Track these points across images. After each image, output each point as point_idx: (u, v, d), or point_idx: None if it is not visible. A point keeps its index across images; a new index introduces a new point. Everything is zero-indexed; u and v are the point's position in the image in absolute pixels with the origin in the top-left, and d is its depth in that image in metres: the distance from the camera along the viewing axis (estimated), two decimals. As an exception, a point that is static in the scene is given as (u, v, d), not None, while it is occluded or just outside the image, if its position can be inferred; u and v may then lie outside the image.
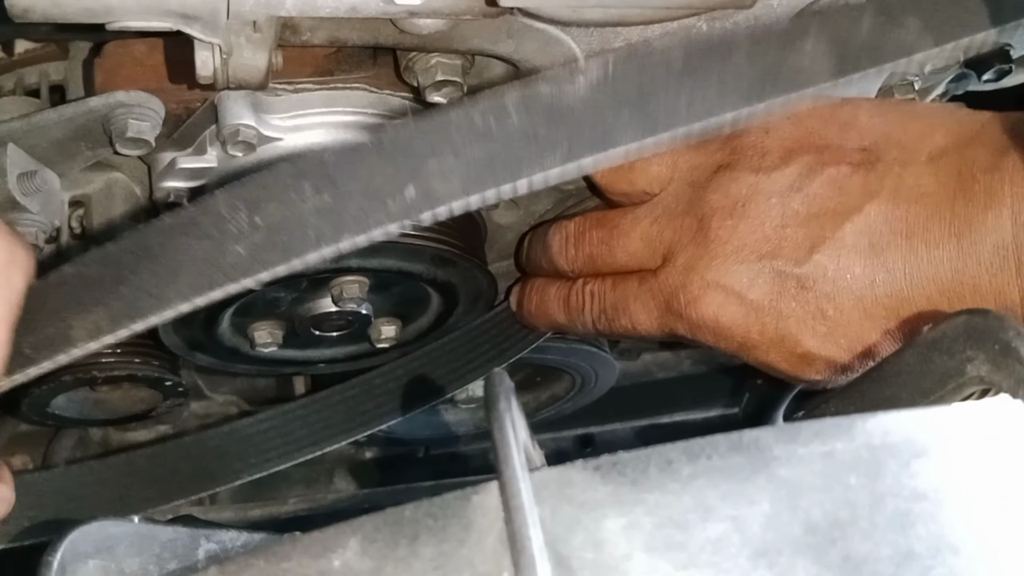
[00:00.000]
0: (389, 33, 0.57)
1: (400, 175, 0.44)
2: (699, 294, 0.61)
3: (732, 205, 0.60)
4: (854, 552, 0.31)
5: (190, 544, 0.42)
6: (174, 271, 0.44)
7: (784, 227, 0.60)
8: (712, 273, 0.60)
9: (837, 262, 0.59)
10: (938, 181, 0.57)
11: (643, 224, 0.64)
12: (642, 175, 0.64)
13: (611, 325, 0.67)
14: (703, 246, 0.61)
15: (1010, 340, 0.39)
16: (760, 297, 0.60)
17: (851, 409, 0.48)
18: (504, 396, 0.34)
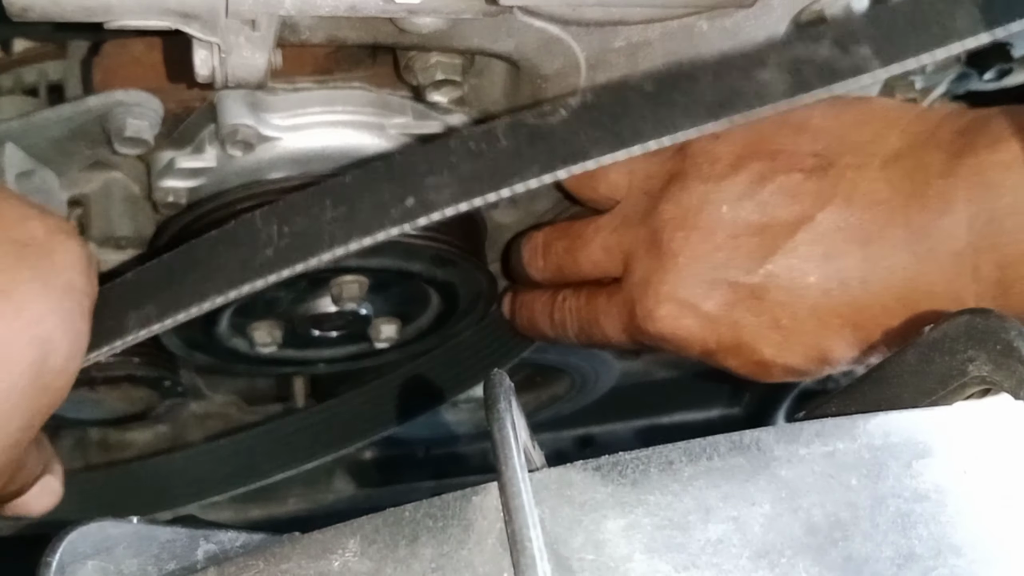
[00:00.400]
0: (388, 32, 0.57)
1: (403, 189, 0.53)
2: (654, 308, 0.61)
3: (683, 215, 0.60)
4: (855, 553, 0.31)
5: (189, 545, 0.42)
6: (213, 272, 0.53)
7: (736, 236, 0.59)
8: (666, 286, 0.60)
9: (790, 272, 0.58)
10: (892, 187, 0.56)
11: (603, 233, 0.64)
12: (602, 181, 0.64)
13: (590, 339, 0.68)
14: (656, 258, 0.61)
15: (1012, 340, 0.39)
16: (714, 308, 0.60)
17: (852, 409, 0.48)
18: (504, 396, 0.34)
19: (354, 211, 0.53)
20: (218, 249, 0.54)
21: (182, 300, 0.53)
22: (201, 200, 0.65)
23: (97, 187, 0.68)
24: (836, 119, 0.60)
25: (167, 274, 0.54)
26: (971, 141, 0.55)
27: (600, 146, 0.53)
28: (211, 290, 0.52)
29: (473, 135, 0.54)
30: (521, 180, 0.52)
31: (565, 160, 0.53)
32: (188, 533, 0.42)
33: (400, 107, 0.65)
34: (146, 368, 0.76)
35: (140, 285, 0.54)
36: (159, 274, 0.54)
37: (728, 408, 1.06)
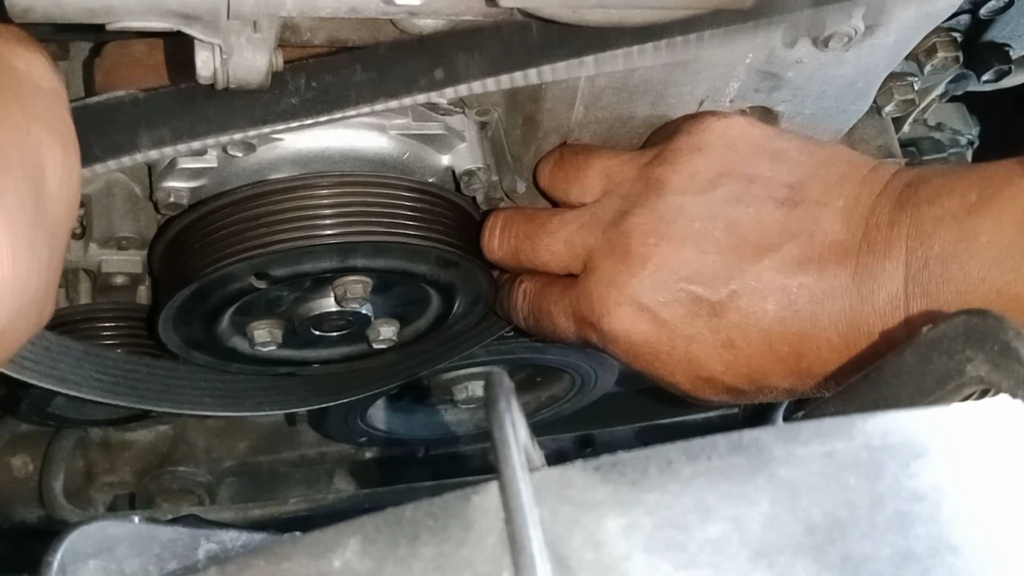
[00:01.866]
0: (389, 33, 0.57)
1: (433, 62, 0.54)
2: (613, 308, 0.62)
3: (657, 223, 0.61)
4: (854, 552, 0.31)
5: (190, 544, 0.42)
6: (234, 109, 0.53)
7: (704, 253, 0.60)
8: (629, 289, 0.61)
9: (751, 295, 0.60)
10: (848, 230, 0.60)
11: (569, 228, 0.65)
12: (577, 184, 0.65)
13: (537, 326, 0.69)
14: (623, 261, 0.61)
15: (1009, 340, 0.39)
16: (673, 318, 0.61)
17: (851, 409, 0.48)
18: (504, 396, 0.34)
19: (384, 76, 0.54)
20: (237, 94, 0.53)
21: (198, 129, 0.53)
22: (203, 200, 0.66)
23: (99, 187, 0.68)
24: (810, 156, 0.63)
25: (187, 101, 0.53)
26: (914, 194, 0.59)
27: (626, 38, 0.54)
28: (229, 125, 0.52)
29: (508, 26, 0.55)
30: (550, 63, 0.53)
31: (595, 48, 0.54)
32: (189, 533, 0.43)
33: (400, 108, 0.65)
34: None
35: (157, 106, 0.54)
36: (178, 100, 0.54)
37: (728, 408, 1.06)
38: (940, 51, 0.72)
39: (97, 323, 0.74)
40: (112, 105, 0.54)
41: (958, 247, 0.56)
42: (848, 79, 0.65)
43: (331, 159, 0.64)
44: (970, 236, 0.55)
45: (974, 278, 0.55)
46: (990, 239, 0.55)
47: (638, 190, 0.63)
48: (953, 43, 0.72)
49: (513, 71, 0.54)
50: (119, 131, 0.52)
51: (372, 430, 0.96)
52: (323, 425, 0.96)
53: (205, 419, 1.00)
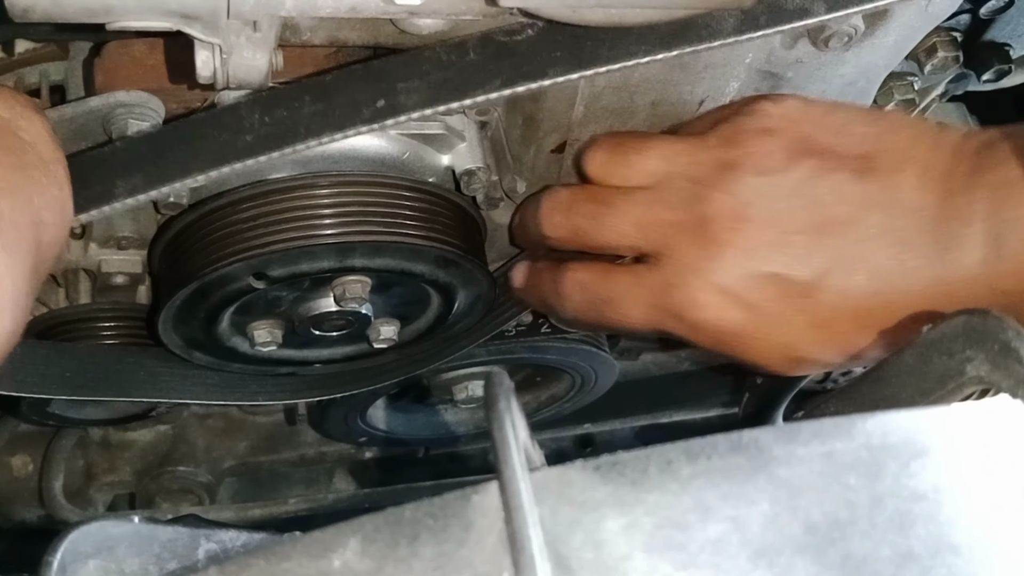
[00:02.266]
0: (389, 33, 0.57)
1: (376, 92, 0.55)
2: (699, 296, 0.60)
3: (737, 207, 0.60)
4: (854, 552, 0.31)
5: (190, 544, 0.42)
6: (199, 151, 0.55)
7: (788, 233, 0.60)
8: (714, 276, 0.60)
9: (838, 272, 0.59)
10: (924, 196, 0.58)
11: (639, 209, 0.63)
12: (636, 170, 0.64)
13: (600, 318, 0.66)
14: (704, 247, 0.60)
15: (1009, 340, 0.39)
16: (761, 302, 0.60)
17: (851, 409, 0.48)
18: (504, 396, 0.34)
19: (330, 107, 0.56)
20: (204, 129, 0.56)
21: (167, 173, 0.55)
22: (203, 200, 0.65)
23: (98, 187, 0.68)
24: (874, 125, 0.61)
25: (154, 148, 0.57)
26: (991, 154, 0.58)
27: (557, 67, 0.56)
28: (194, 167, 0.55)
29: (445, 47, 0.56)
30: (484, 93, 0.55)
31: (525, 78, 0.55)
32: (189, 532, 0.43)
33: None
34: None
35: (129, 155, 0.57)
36: (147, 147, 0.57)
37: (728, 408, 1.06)
38: (940, 51, 0.72)
39: (97, 323, 0.74)
40: (93, 156, 0.58)
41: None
42: (848, 79, 0.65)
43: (330, 159, 0.64)
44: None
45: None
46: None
47: (710, 174, 0.61)
48: (953, 43, 0.72)
49: (450, 101, 0.55)
50: (99, 181, 0.55)
51: (372, 430, 0.96)
52: (323, 425, 0.96)
53: (205, 419, 1.00)
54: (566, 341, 0.84)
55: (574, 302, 0.67)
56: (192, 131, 0.56)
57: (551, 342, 0.84)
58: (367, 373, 0.81)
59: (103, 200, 0.55)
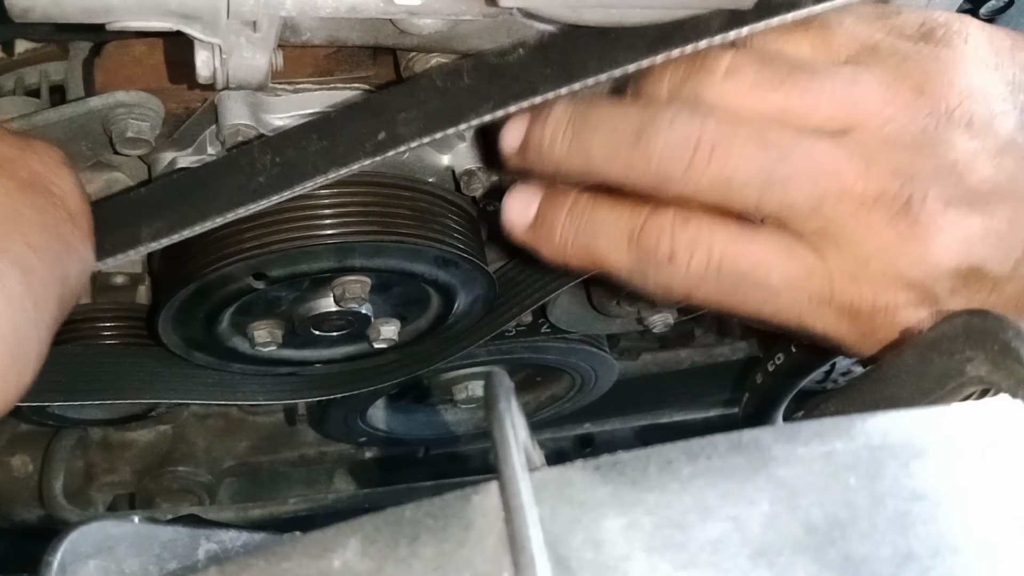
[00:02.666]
0: (389, 33, 0.57)
1: (377, 125, 0.56)
2: (895, 295, 0.49)
3: (947, 182, 0.48)
4: (854, 552, 0.31)
5: (190, 544, 0.42)
6: (216, 194, 0.57)
7: (992, 215, 0.48)
8: (913, 269, 0.48)
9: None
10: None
11: (818, 170, 0.48)
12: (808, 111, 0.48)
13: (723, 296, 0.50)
14: (909, 231, 0.48)
15: (1009, 340, 0.39)
16: (950, 299, 0.49)
17: (851, 409, 0.48)
18: (504, 396, 0.34)
19: (335, 144, 0.56)
20: (220, 174, 0.58)
21: (188, 217, 0.57)
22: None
23: (99, 187, 0.68)
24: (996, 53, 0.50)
25: (175, 193, 0.59)
26: None
27: (548, 83, 0.53)
28: (212, 211, 0.57)
29: (440, 73, 0.57)
30: (478, 117, 0.54)
31: (516, 97, 0.54)
32: (189, 532, 0.43)
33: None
34: (147, 368, 0.76)
35: (152, 201, 0.59)
36: (168, 193, 0.59)
37: (728, 408, 1.06)
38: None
39: (97, 323, 0.74)
40: (118, 201, 0.61)
41: None
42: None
43: (331, 159, 0.64)
44: None
45: None
46: None
47: (910, 133, 0.48)
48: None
49: (447, 127, 0.55)
50: (125, 227, 0.58)
51: (372, 430, 0.96)
52: (323, 425, 0.96)
53: (205, 419, 1.00)
54: (566, 341, 0.84)
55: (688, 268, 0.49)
56: (210, 176, 0.59)
57: (551, 342, 0.84)
58: (369, 373, 0.81)
59: (129, 245, 0.58)
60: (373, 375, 0.82)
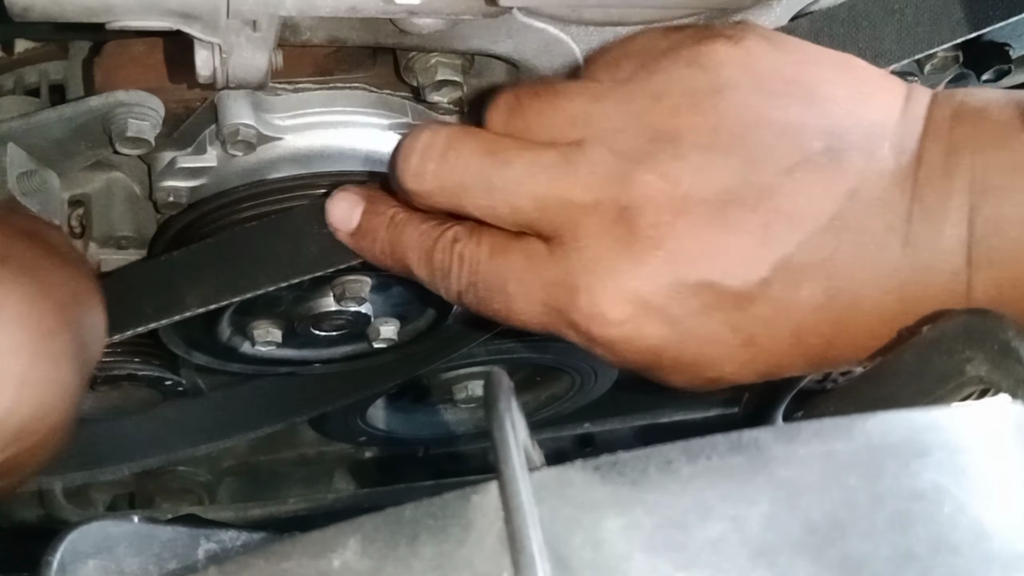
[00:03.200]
0: (389, 33, 0.57)
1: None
2: (610, 307, 0.48)
3: (671, 194, 0.47)
4: (854, 552, 0.31)
5: (190, 544, 0.42)
6: (265, 261, 0.59)
7: (732, 232, 0.48)
8: (634, 283, 0.48)
9: (785, 282, 0.48)
10: (897, 183, 0.48)
11: (541, 179, 0.49)
12: (546, 124, 0.50)
13: (481, 305, 0.53)
14: (624, 244, 0.48)
15: (1009, 340, 0.39)
16: (687, 315, 0.48)
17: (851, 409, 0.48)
18: (504, 396, 0.34)
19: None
20: (267, 241, 0.59)
21: (238, 284, 0.58)
22: (202, 200, 0.65)
23: (98, 187, 0.68)
24: (846, 85, 0.50)
25: (220, 256, 0.60)
26: (972, 133, 0.48)
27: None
28: (264, 279, 0.58)
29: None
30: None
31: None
32: (189, 532, 0.43)
33: (400, 107, 0.65)
34: (147, 367, 0.76)
35: (196, 264, 0.60)
36: (212, 255, 0.60)
37: (728, 408, 1.06)
38: (940, 51, 0.72)
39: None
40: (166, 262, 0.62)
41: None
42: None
43: (331, 158, 0.64)
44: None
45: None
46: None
47: (640, 144, 0.48)
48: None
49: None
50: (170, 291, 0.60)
51: (372, 430, 0.96)
52: (323, 425, 0.96)
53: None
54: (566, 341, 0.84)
55: (452, 280, 0.53)
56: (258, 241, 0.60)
57: (551, 342, 0.84)
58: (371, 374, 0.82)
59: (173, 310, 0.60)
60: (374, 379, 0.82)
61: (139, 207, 0.69)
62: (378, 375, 0.81)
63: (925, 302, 0.47)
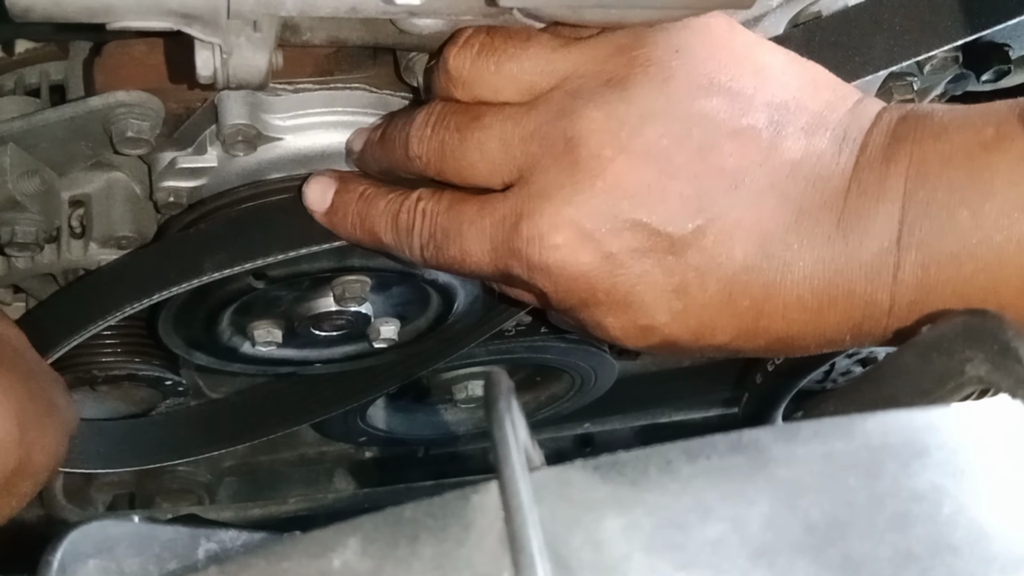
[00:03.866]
0: (389, 33, 0.57)
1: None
2: (549, 230, 0.51)
3: (615, 130, 0.50)
4: (853, 553, 0.31)
5: (190, 544, 0.42)
6: (278, 234, 0.60)
7: (671, 176, 0.50)
8: (571, 209, 0.50)
9: (719, 234, 0.50)
10: (836, 165, 0.51)
11: (507, 125, 0.53)
12: (508, 79, 0.53)
13: (439, 255, 0.55)
14: (567, 172, 0.50)
15: (1009, 340, 0.39)
16: (621, 251, 0.51)
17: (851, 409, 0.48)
18: (504, 396, 0.34)
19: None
20: (282, 215, 0.61)
21: (251, 252, 0.60)
22: (202, 200, 0.66)
23: (98, 187, 0.68)
24: (797, 76, 0.53)
25: (235, 227, 0.62)
26: (914, 128, 0.51)
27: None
28: (274, 248, 0.61)
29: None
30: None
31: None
32: (189, 532, 0.43)
33: (400, 108, 0.65)
34: (147, 367, 0.76)
35: (212, 235, 0.63)
36: (228, 227, 0.63)
37: (727, 408, 1.06)
38: (939, 52, 0.72)
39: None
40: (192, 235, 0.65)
41: (970, 189, 0.48)
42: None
43: (331, 159, 0.64)
44: (986, 176, 0.48)
45: (988, 226, 0.48)
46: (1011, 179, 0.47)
47: (593, 86, 0.51)
48: (952, 43, 0.72)
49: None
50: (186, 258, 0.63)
51: (372, 430, 0.96)
52: (323, 425, 0.96)
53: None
54: (566, 341, 0.84)
55: (415, 236, 0.56)
56: (272, 213, 0.62)
57: (551, 342, 0.84)
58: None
59: (191, 274, 0.61)
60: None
61: (139, 207, 0.69)
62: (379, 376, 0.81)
63: (854, 276, 0.50)
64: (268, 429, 0.84)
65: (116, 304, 0.63)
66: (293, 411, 0.84)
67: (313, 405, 0.84)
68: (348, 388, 0.83)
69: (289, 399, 0.83)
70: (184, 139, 0.64)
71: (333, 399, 0.83)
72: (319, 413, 0.84)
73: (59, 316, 0.67)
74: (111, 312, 0.63)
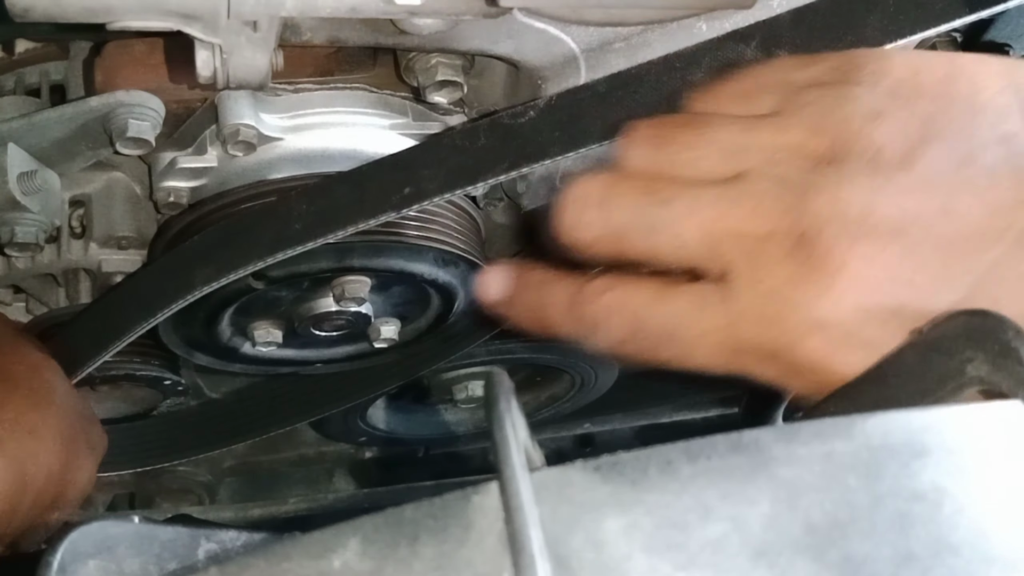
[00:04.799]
0: (389, 33, 0.57)
1: (403, 180, 0.58)
2: (805, 334, 0.46)
3: (850, 217, 0.45)
4: (854, 553, 0.31)
5: (190, 544, 0.42)
6: (256, 240, 0.61)
7: (916, 252, 0.45)
8: (822, 309, 0.45)
9: (980, 299, 0.44)
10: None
11: (708, 212, 0.47)
12: (700, 159, 0.48)
13: (646, 354, 0.50)
14: (807, 270, 0.45)
15: (1010, 341, 0.39)
16: (884, 340, 0.45)
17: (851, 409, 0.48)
18: (504, 396, 0.34)
19: (363, 196, 0.59)
20: (259, 221, 0.62)
21: (234, 261, 0.60)
22: (203, 200, 0.66)
23: (99, 187, 0.68)
24: (1003, 94, 0.47)
25: (219, 240, 0.63)
26: None
27: (556, 147, 0.56)
28: (254, 255, 0.60)
29: (459, 133, 0.59)
30: (494, 176, 0.57)
31: (527, 159, 0.56)
32: (189, 532, 0.43)
33: (400, 108, 0.65)
34: (147, 367, 0.76)
35: (199, 250, 0.63)
36: (212, 240, 0.63)
37: (728, 408, 1.06)
38: (940, 51, 0.72)
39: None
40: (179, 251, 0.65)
41: None
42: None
43: (331, 159, 0.64)
44: None
45: None
46: None
47: (802, 177, 0.46)
48: (953, 43, 0.72)
49: (466, 185, 0.58)
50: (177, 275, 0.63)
51: (372, 430, 0.96)
52: (323, 425, 0.96)
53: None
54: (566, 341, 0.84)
55: (610, 332, 0.50)
56: (251, 222, 0.62)
57: (551, 342, 0.84)
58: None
59: (184, 290, 0.61)
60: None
61: (140, 207, 0.69)
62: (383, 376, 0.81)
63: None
64: (267, 427, 0.84)
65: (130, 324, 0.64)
66: (293, 410, 0.84)
67: (313, 404, 0.84)
68: (348, 388, 0.83)
69: (289, 399, 0.83)
70: (184, 139, 0.64)
71: (333, 399, 0.83)
72: (319, 412, 0.85)
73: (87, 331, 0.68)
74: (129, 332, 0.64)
